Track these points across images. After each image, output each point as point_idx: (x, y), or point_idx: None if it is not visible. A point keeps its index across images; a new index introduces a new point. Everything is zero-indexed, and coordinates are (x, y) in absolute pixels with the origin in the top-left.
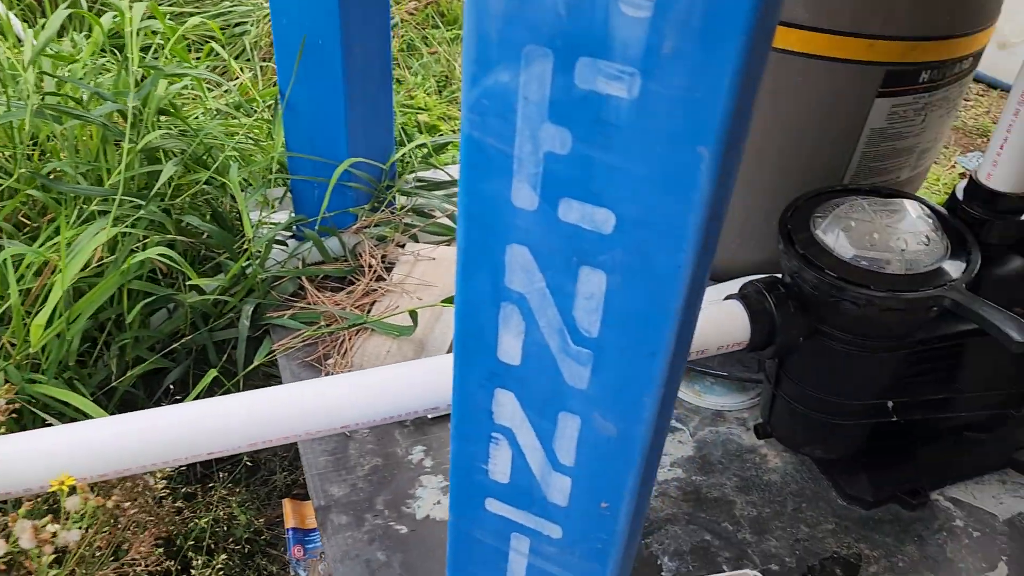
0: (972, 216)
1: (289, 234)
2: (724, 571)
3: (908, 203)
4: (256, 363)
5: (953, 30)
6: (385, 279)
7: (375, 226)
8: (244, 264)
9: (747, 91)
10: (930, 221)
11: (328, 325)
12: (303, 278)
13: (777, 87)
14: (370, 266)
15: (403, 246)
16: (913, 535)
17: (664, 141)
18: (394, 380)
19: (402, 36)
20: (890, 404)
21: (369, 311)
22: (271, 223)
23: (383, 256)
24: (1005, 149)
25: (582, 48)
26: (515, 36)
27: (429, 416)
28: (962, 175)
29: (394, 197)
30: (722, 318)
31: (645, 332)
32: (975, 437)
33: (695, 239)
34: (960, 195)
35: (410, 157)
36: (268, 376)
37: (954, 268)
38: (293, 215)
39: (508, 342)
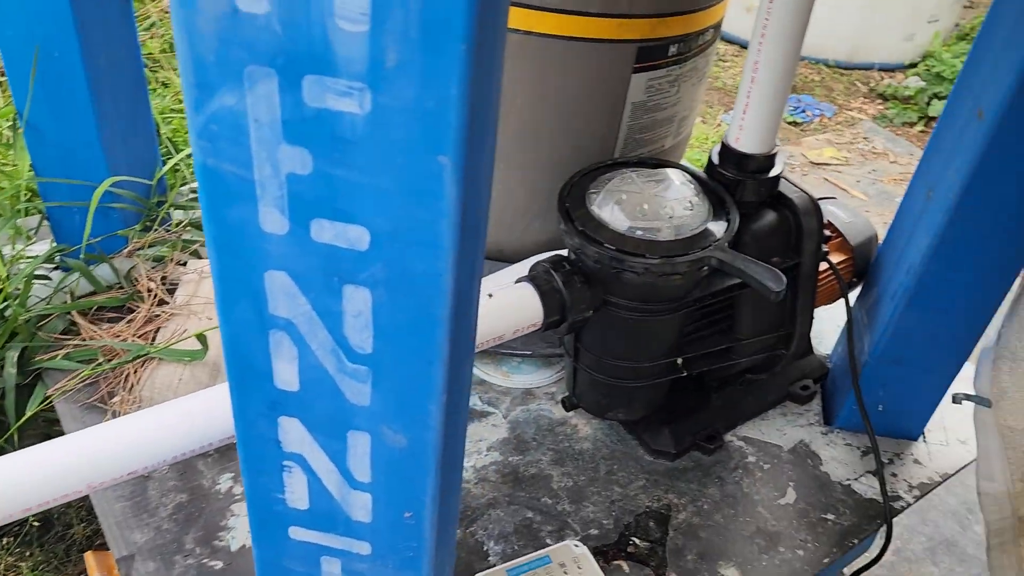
0: (727, 178)
1: (52, 266)
2: (548, 545)
3: (671, 172)
4: (30, 413)
5: (694, 5)
6: (168, 302)
7: (150, 247)
8: (1, 305)
9: (482, 96)
10: (692, 186)
11: (109, 360)
12: (74, 313)
13: (543, 70)
14: (149, 290)
15: (185, 264)
16: (714, 477)
17: (404, 154)
18: (190, 412)
19: (163, 36)
20: (679, 361)
21: (154, 339)
22: (29, 256)
23: (163, 278)
24: (747, 114)
25: (306, 66)
26: (234, 57)
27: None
28: None
29: (168, 213)
30: (514, 302)
31: (418, 342)
32: (757, 378)
33: (451, 247)
34: (715, 159)
35: (182, 167)
36: (50, 423)
37: (717, 229)
38: (54, 245)
39: (283, 369)
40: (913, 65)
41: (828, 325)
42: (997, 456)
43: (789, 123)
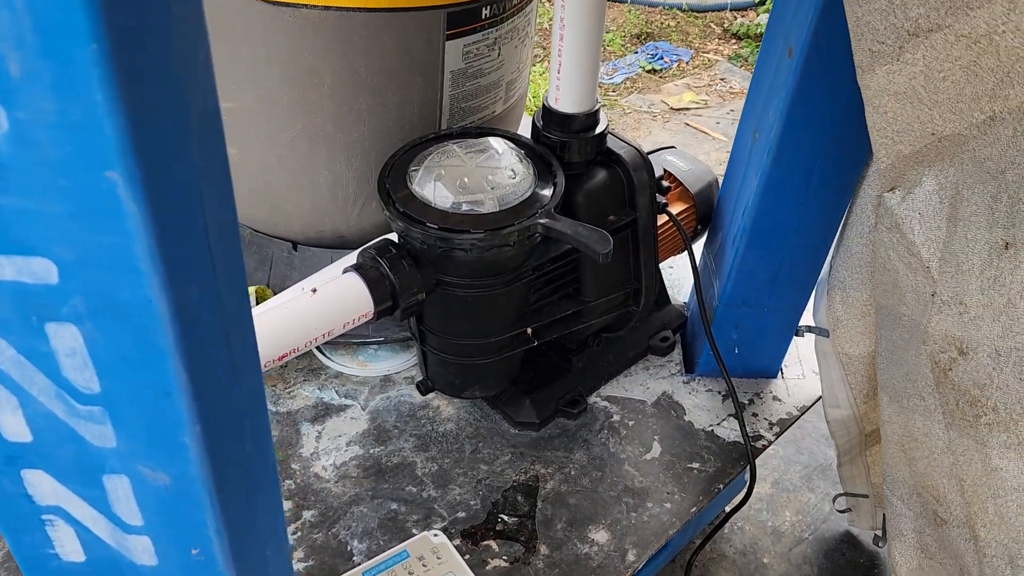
0: (552, 140)
1: None
2: (415, 535)
3: (493, 140)
4: None
5: None
6: None
7: None
8: None
9: (158, 95)
10: (515, 153)
11: None
12: None
13: (347, 47)
14: None
15: None
16: (580, 442)
17: (65, 173)
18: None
19: None
20: (528, 331)
21: None
22: None
23: None
24: (562, 74)
25: None
26: None
27: None
28: None
29: None
30: (340, 294)
31: (148, 376)
32: (615, 336)
33: (153, 270)
34: (538, 122)
35: None
36: None
37: (544, 194)
38: None
39: (9, 420)
40: (763, 2)
41: (685, 273)
42: (840, 384)
43: (648, 71)
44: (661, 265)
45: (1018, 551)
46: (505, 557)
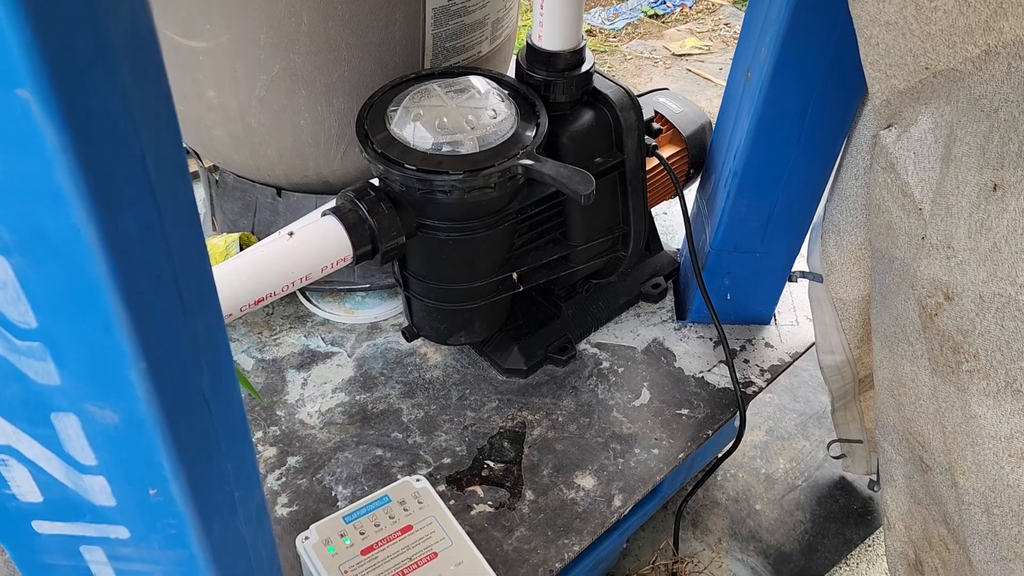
0: (536, 79)
1: None
2: (398, 480)
3: (475, 79)
4: None
5: None
6: None
7: None
8: None
9: (58, 9)
10: (497, 93)
11: None
12: None
13: None
14: None
15: None
16: (568, 388)
17: None
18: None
19: None
20: (515, 276)
21: None
22: None
23: None
24: (545, 9)
25: None
26: None
27: None
28: (588, 32)
29: None
30: (317, 238)
31: (85, 308)
32: (605, 282)
33: (77, 197)
34: (523, 61)
35: None
36: None
37: (526, 135)
38: None
39: None
40: None
41: (679, 220)
42: (834, 329)
43: (651, 16)
44: (654, 211)
45: (994, 500)
46: (490, 502)
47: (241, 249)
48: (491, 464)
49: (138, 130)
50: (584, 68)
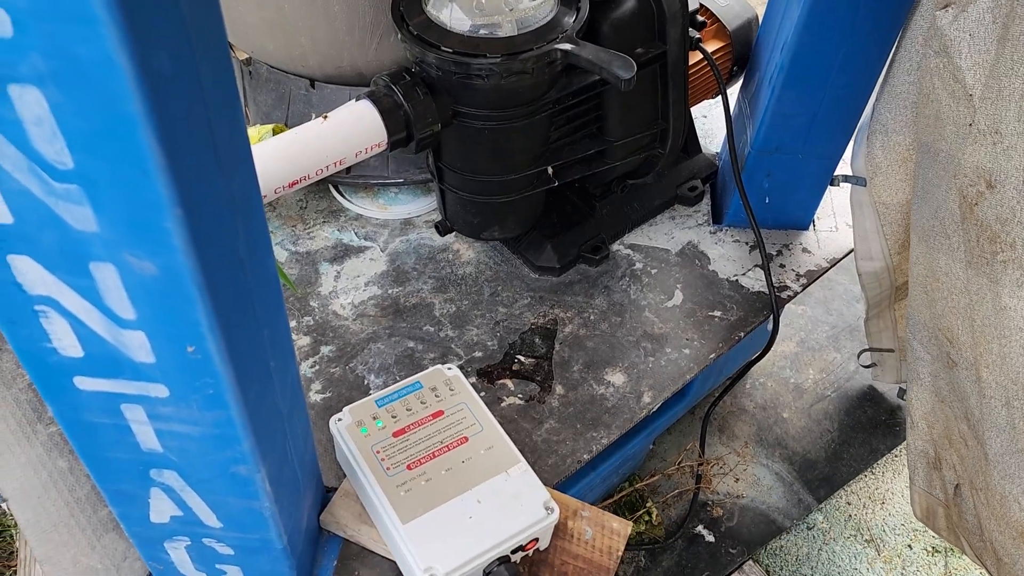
0: None
1: None
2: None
3: None
4: None
5: None
6: None
7: None
8: None
9: None
10: None
11: None
12: None
13: None
14: None
15: None
16: (600, 288)
17: None
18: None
19: None
20: (549, 170)
21: None
22: None
23: None
24: None
25: None
26: None
27: None
28: None
29: None
30: (352, 122)
31: (121, 147)
32: (641, 183)
33: (109, 19)
34: None
35: None
36: None
37: (566, 19)
38: None
39: None
40: None
41: (719, 123)
42: (874, 235)
43: None
44: (694, 112)
45: (1015, 392)
46: (520, 395)
47: None
48: (522, 359)
49: None
50: None
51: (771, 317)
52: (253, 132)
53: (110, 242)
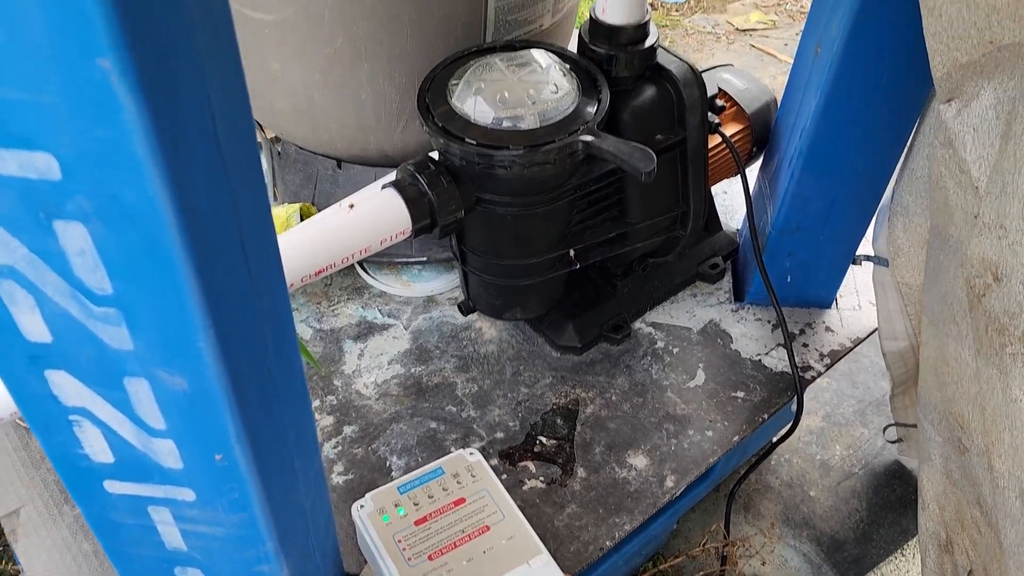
0: (599, 54)
1: None
2: (451, 453)
3: (536, 52)
4: None
5: None
6: None
7: None
8: None
9: None
10: (559, 67)
11: None
12: None
13: None
14: None
15: None
16: (622, 367)
17: (55, 62)
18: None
19: None
20: (571, 253)
21: None
22: None
23: None
24: None
25: None
26: None
27: None
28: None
29: None
30: (378, 210)
31: (158, 277)
32: (662, 261)
33: (153, 167)
34: (585, 35)
35: None
36: None
37: (588, 110)
38: None
39: (28, 320)
40: None
41: (739, 199)
42: (899, 315)
43: None
44: (714, 189)
45: None
46: (542, 478)
47: (302, 220)
48: (544, 440)
49: (211, 101)
50: (648, 43)
51: (795, 398)
52: (280, 211)
53: (144, 359)
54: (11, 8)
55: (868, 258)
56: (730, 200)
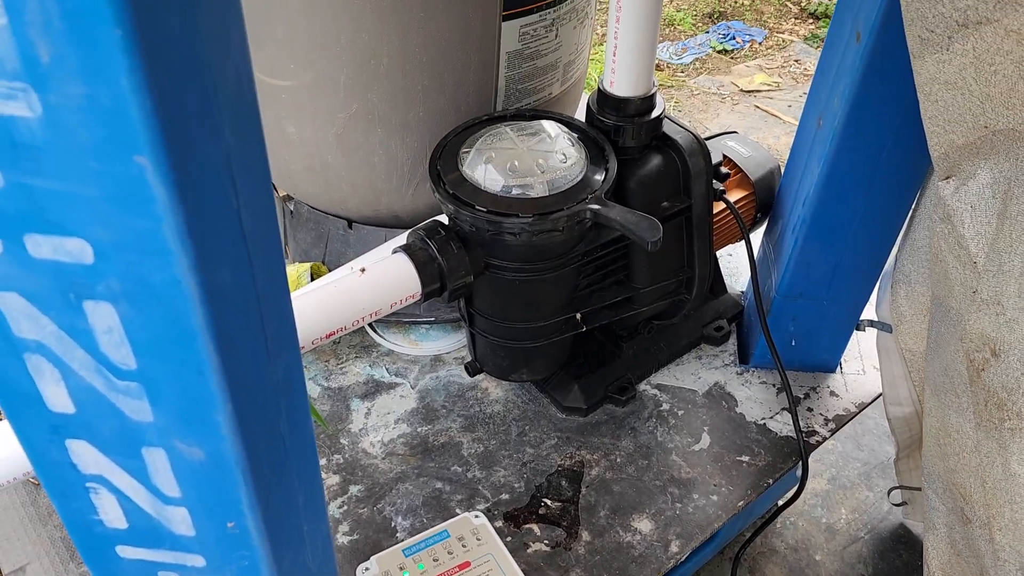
0: (607, 124)
1: None
2: (457, 515)
3: (546, 123)
4: None
5: None
6: None
7: None
8: None
9: (176, 84)
10: (568, 136)
11: None
12: None
13: (405, 28)
14: None
15: None
16: (627, 429)
17: (95, 157)
18: None
19: None
20: (578, 316)
21: None
22: None
23: None
24: (618, 57)
25: None
26: None
27: None
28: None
29: None
30: (388, 275)
31: (180, 355)
32: (667, 324)
33: (182, 252)
34: (593, 106)
35: None
36: None
37: (595, 179)
38: None
39: (52, 392)
40: None
41: (744, 262)
42: (902, 380)
43: (719, 52)
44: (720, 253)
45: None
46: (547, 541)
47: (312, 279)
48: (548, 502)
49: (236, 186)
50: (654, 114)
51: (800, 463)
52: (292, 270)
53: (163, 430)
54: (60, 110)
55: (872, 323)
56: (735, 263)
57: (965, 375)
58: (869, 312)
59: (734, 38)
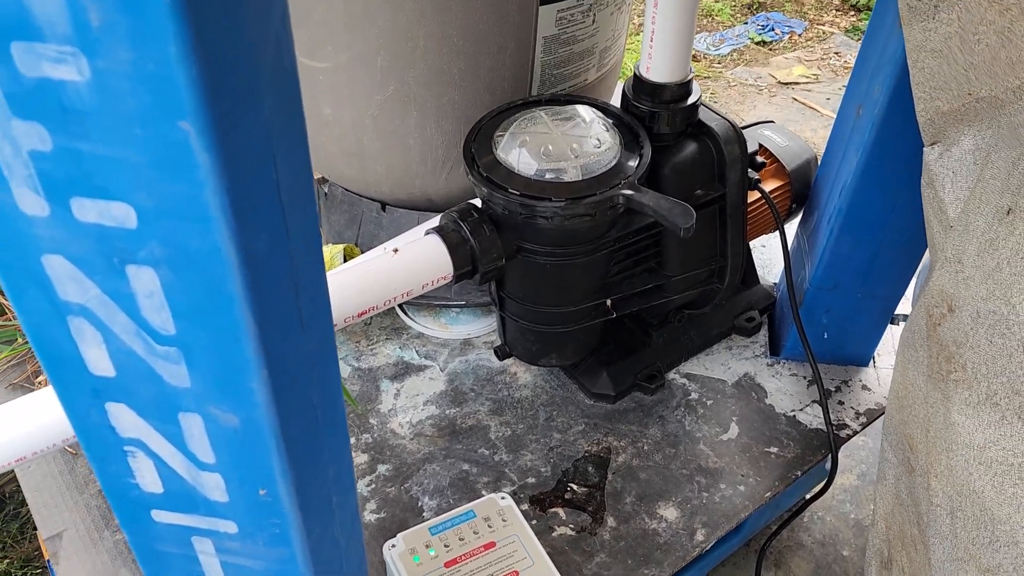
0: (642, 110)
1: None
2: (484, 496)
3: (581, 107)
4: None
5: None
6: None
7: None
8: None
9: (222, 52)
10: (602, 122)
11: None
12: None
13: (444, 9)
14: None
15: None
16: (655, 417)
17: (141, 122)
18: None
19: None
20: (608, 302)
21: None
22: None
23: None
24: (655, 42)
25: (8, 32)
26: None
27: None
28: (693, 57)
29: None
30: (421, 256)
31: (218, 321)
32: (698, 313)
33: (222, 220)
34: (628, 92)
35: None
36: None
37: (629, 165)
38: None
39: (94, 355)
40: None
41: (778, 253)
42: None
43: (757, 43)
44: (753, 243)
45: (959, 504)
46: (572, 526)
47: (345, 260)
48: (575, 487)
49: (276, 157)
50: (690, 100)
51: (829, 456)
52: (326, 251)
53: (199, 396)
54: (109, 75)
55: (906, 318)
56: (769, 254)
57: (924, 330)
58: (905, 307)
59: (773, 29)
